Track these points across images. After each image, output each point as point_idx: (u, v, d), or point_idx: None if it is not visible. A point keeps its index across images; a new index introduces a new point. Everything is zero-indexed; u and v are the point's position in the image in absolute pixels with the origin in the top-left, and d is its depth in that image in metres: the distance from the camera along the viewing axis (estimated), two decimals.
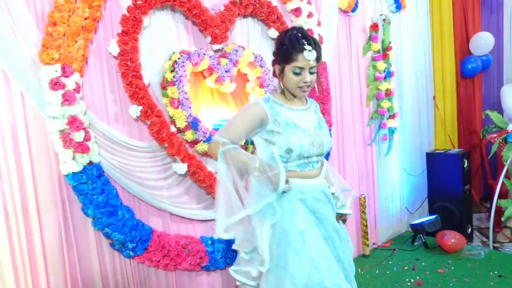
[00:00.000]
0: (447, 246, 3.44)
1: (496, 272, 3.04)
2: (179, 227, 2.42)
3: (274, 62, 1.81)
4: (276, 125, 1.74)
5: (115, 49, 2.10)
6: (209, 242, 2.42)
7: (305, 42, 1.71)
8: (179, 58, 2.26)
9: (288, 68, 1.74)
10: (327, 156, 1.94)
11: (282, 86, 1.81)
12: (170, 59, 2.29)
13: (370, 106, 3.63)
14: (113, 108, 2.15)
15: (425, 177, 4.11)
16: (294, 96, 1.82)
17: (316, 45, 1.73)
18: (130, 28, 2.10)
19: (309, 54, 1.71)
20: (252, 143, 2.61)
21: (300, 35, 1.72)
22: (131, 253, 2.14)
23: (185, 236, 2.35)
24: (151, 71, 2.26)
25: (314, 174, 1.83)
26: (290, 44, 1.72)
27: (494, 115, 3.54)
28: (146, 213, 2.28)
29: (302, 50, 1.70)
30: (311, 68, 1.74)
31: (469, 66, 4.60)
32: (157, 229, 2.29)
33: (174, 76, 2.23)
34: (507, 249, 3.74)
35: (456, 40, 4.58)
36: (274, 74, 1.84)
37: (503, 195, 3.78)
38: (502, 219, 3.40)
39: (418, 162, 4.12)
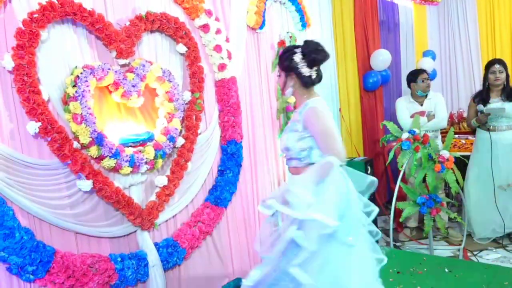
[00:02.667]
0: None
1: (395, 269, 3.31)
2: (87, 246, 2.34)
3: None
4: None
5: (9, 63, 2.00)
6: (119, 259, 2.37)
7: None
8: (81, 73, 2.22)
9: None
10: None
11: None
12: (72, 74, 2.23)
13: (280, 119, 3.80)
14: (8, 124, 2.05)
15: None
16: None
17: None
18: (26, 41, 2.02)
19: None
20: (162, 156, 2.62)
21: None
22: (31, 276, 2.03)
23: (91, 255, 2.28)
24: (52, 86, 2.18)
25: None
26: None
27: (390, 125, 3.85)
28: (48, 233, 2.18)
29: None
30: None
31: (371, 80, 5.00)
32: (61, 249, 2.20)
33: (76, 91, 2.18)
34: (407, 247, 4.09)
35: (358, 57, 4.97)
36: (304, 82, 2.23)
37: (402, 198, 4.13)
38: (400, 220, 3.71)
39: None
